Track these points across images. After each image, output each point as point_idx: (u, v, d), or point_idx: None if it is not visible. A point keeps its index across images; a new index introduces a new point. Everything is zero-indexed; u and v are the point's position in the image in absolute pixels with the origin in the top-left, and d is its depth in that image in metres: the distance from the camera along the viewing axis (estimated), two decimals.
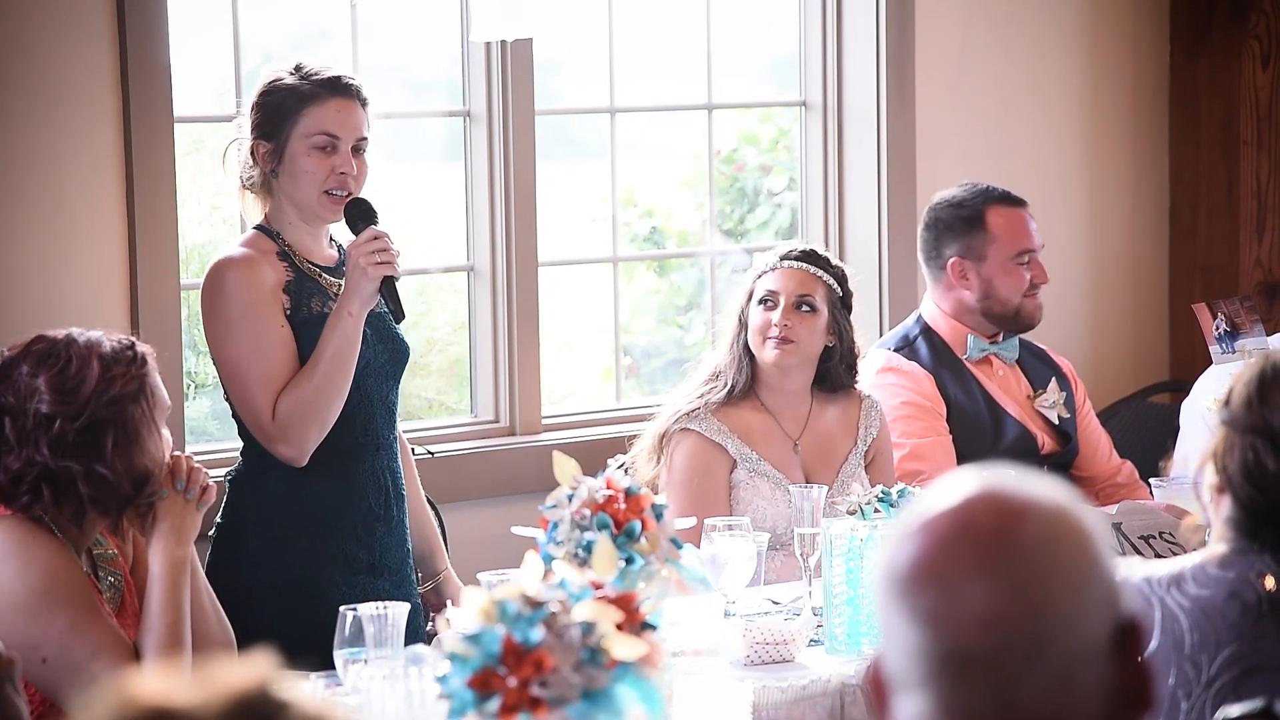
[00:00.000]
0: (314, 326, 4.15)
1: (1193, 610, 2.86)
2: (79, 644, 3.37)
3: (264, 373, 4.10)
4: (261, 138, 4.19)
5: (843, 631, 3.84)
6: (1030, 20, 6.10)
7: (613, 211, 5.63)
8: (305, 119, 4.17)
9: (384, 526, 4.26)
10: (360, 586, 4.15)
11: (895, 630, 1.89)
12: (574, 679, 2.45)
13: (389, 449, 4.29)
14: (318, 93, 4.18)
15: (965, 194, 5.17)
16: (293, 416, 4.09)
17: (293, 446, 4.10)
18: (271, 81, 4.20)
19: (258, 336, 4.11)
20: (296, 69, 4.21)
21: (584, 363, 5.92)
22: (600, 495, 3.26)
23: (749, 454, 4.61)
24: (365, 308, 4.12)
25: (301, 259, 4.21)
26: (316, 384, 4.09)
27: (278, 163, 4.18)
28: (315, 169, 4.16)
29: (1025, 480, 1.92)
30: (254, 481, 4.19)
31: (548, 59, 5.47)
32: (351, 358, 4.13)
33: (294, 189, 4.18)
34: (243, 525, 4.21)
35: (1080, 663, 1.88)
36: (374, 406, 4.23)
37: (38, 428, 3.40)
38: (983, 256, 5.14)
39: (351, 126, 4.19)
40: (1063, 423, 5.20)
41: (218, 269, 4.15)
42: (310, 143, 4.17)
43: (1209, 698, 2.83)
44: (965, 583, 1.87)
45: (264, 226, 4.22)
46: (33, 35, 4.53)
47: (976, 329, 5.15)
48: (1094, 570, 1.89)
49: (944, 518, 1.90)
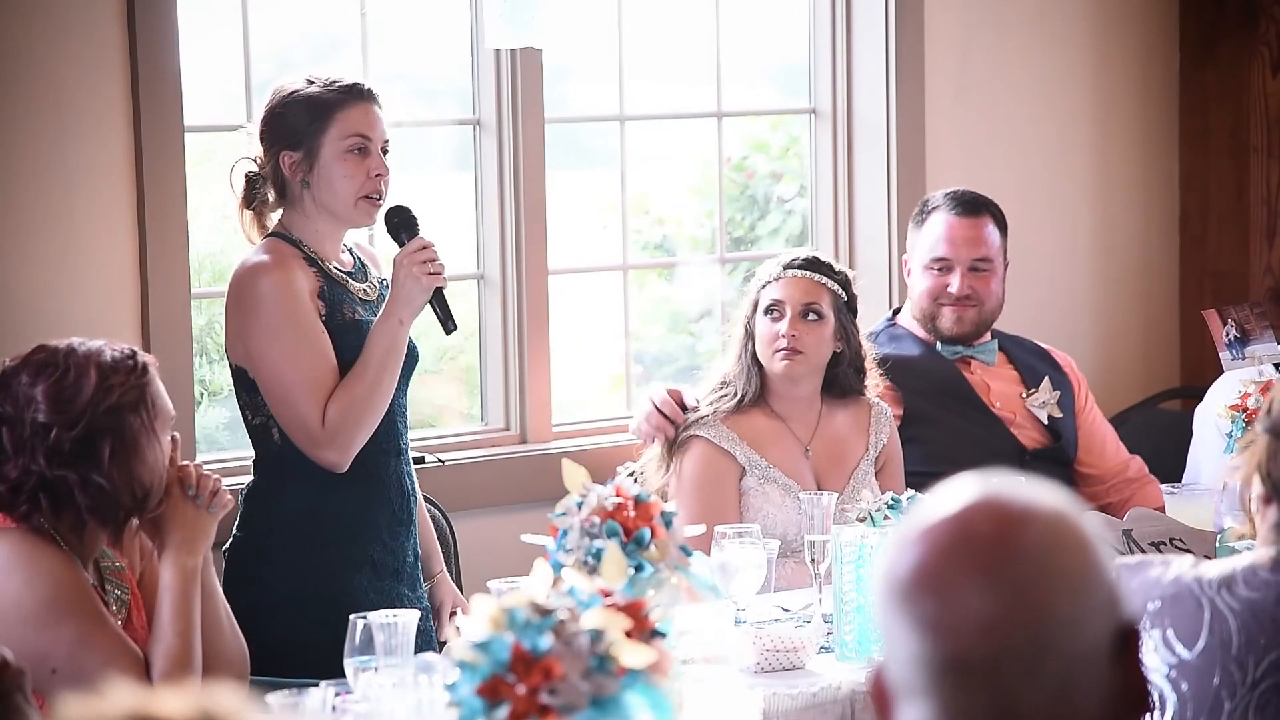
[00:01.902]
0: (348, 332, 4.16)
1: (1242, 612, 2.85)
2: (88, 654, 3.37)
3: (309, 378, 4.10)
4: (288, 148, 4.18)
5: (853, 638, 3.84)
6: (1039, 28, 6.10)
7: (623, 219, 5.63)
8: (337, 124, 4.17)
9: (405, 530, 4.28)
10: (387, 591, 4.17)
11: (896, 638, 1.89)
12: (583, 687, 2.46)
13: (406, 454, 4.31)
14: (344, 98, 4.19)
15: (938, 194, 5.23)
16: (345, 421, 4.09)
17: (341, 451, 4.11)
18: (290, 93, 4.20)
19: (301, 342, 4.11)
20: (310, 80, 4.22)
21: (594, 370, 5.92)
22: (610, 503, 3.26)
23: (758, 461, 4.61)
24: (414, 316, 4.15)
25: (328, 264, 4.22)
26: (369, 388, 4.11)
27: (309, 170, 4.18)
28: (353, 173, 4.17)
29: (1025, 487, 1.93)
30: (273, 493, 4.19)
31: (557, 67, 5.47)
32: (397, 364, 4.15)
33: (330, 195, 4.18)
34: (261, 538, 4.20)
35: (1081, 668, 1.88)
36: (395, 412, 4.24)
37: (35, 437, 3.40)
38: (913, 256, 5.21)
39: (379, 129, 4.21)
40: (1055, 421, 5.20)
41: (250, 275, 4.14)
42: (345, 145, 4.17)
43: (1253, 699, 2.83)
44: (965, 590, 1.87)
45: (281, 234, 4.22)
46: (42, 45, 4.54)
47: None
48: (1094, 576, 1.89)
49: (943, 525, 1.90)
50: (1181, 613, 2.87)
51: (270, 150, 4.20)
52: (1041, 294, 6.06)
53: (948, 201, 5.20)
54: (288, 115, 4.19)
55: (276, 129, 4.20)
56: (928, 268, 5.18)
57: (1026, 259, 5.80)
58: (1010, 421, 5.17)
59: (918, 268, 5.21)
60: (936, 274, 5.16)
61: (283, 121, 4.20)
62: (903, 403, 5.04)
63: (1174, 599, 2.88)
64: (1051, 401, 5.21)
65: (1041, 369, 5.28)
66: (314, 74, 4.24)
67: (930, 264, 5.17)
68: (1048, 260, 6.12)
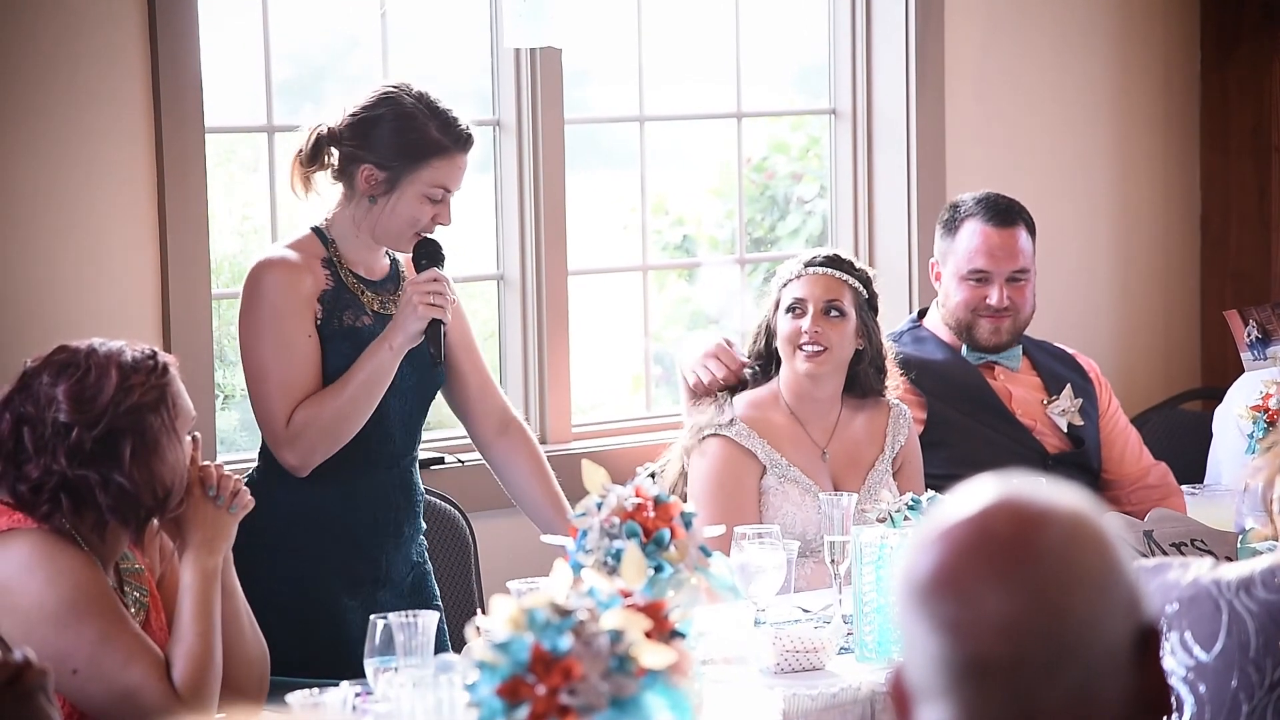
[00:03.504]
0: (342, 339, 4.17)
1: (1260, 614, 2.85)
2: (109, 655, 3.37)
3: (283, 378, 4.12)
4: (377, 165, 4.16)
5: (873, 639, 3.84)
6: (1060, 28, 6.09)
7: (642, 220, 5.63)
8: (430, 170, 4.17)
9: (392, 542, 4.27)
10: (365, 599, 4.17)
11: (916, 640, 1.89)
12: (602, 687, 2.46)
13: (405, 467, 4.29)
14: (446, 147, 4.17)
15: (968, 199, 5.18)
16: (307, 429, 4.11)
17: (298, 456, 4.13)
18: (405, 112, 4.17)
19: (283, 342, 4.13)
20: (429, 107, 4.18)
21: (614, 371, 5.92)
22: (629, 503, 3.26)
23: (778, 460, 4.61)
24: (408, 344, 4.14)
25: (348, 270, 4.22)
26: (340, 407, 4.11)
27: (383, 194, 4.17)
28: (419, 216, 4.17)
29: (1044, 488, 1.93)
30: (266, 489, 4.21)
31: (577, 68, 5.47)
32: (380, 389, 4.15)
33: (388, 223, 4.18)
34: (252, 534, 4.22)
35: (1101, 669, 1.87)
36: (393, 425, 4.24)
37: (55, 436, 3.40)
38: (946, 264, 5.17)
39: (460, 180, 4.23)
40: (1075, 428, 5.19)
41: (258, 269, 4.17)
42: (427, 193, 4.17)
43: (1271, 701, 2.82)
44: (984, 591, 1.87)
45: (320, 230, 4.23)
46: (64, 47, 4.55)
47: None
48: (1114, 576, 1.89)
49: (962, 526, 1.90)
50: (1199, 615, 2.87)
51: (354, 146, 4.18)
52: (1062, 294, 6.05)
53: (980, 209, 5.14)
54: (385, 131, 4.17)
55: (370, 136, 4.17)
56: (964, 279, 5.13)
57: (1047, 260, 5.78)
58: (1032, 428, 5.16)
59: (951, 277, 5.15)
60: (974, 285, 5.12)
61: (379, 133, 4.17)
62: (926, 407, 5.03)
63: (1192, 601, 2.88)
64: (1072, 409, 5.19)
65: (1065, 375, 5.26)
66: (433, 96, 4.21)
67: (967, 275, 5.13)
68: (1068, 261, 6.11)
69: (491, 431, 4.47)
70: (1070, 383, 5.22)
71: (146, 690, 3.39)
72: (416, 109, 4.17)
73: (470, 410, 4.46)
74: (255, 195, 5.12)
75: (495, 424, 4.47)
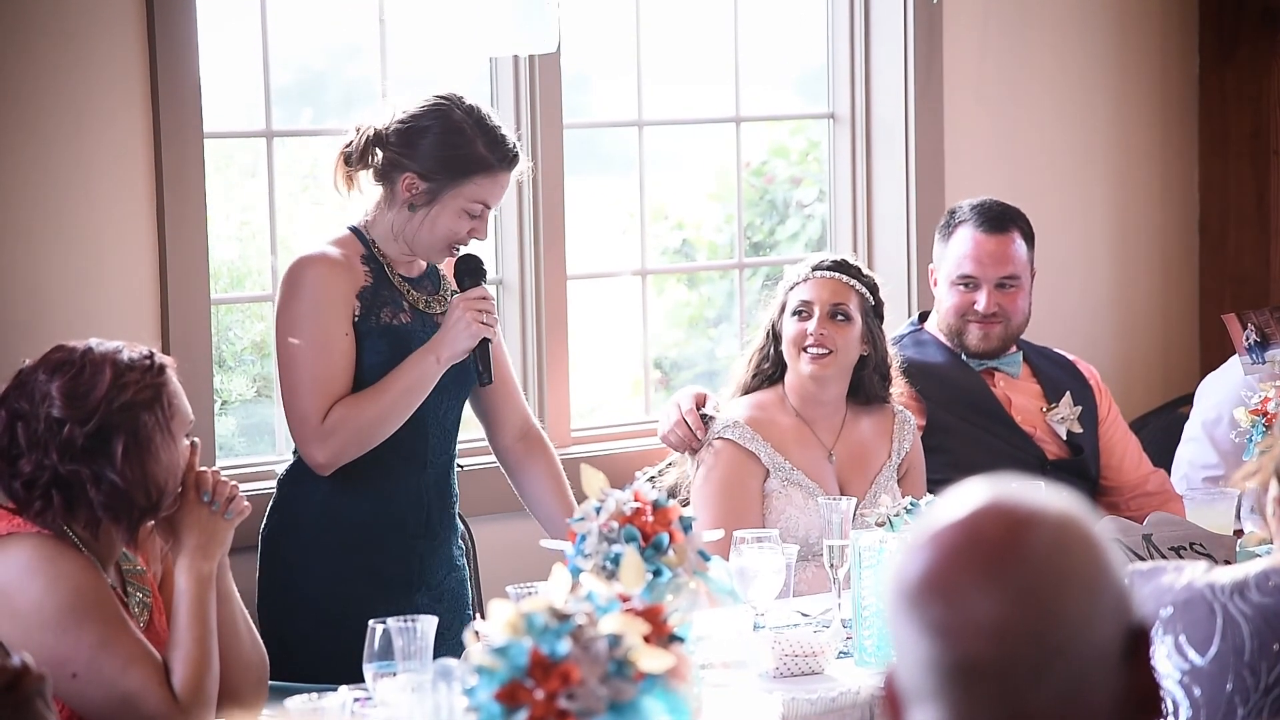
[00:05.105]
0: (378, 337, 4.18)
1: (1254, 618, 2.86)
2: (108, 659, 3.37)
3: (318, 374, 4.13)
4: (420, 175, 4.17)
5: (871, 643, 3.84)
6: (1058, 33, 6.10)
7: (641, 224, 5.63)
8: (472, 186, 4.18)
9: (425, 544, 4.28)
10: (395, 601, 4.15)
11: (906, 642, 1.90)
12: (601, 691, 2.46)
13: (440, 467, 4.30)
14: (491, 165, 4.18)
15: (966, 205, 5.20)
16: (341, 428, 4.12)
17: (327, 454, 4.13)
18: (453, 126, 4.17)
19: (320, 339, 4.14)
20: (479, 122, 4.19)
21: (613, 375, 5.93)
22: (628, 508, 3.26)
23: (782, 463, 4.62)
24: (454, 359, 4.17)
25: (390, 267, 4.24)
26: (379, 411, 4.13)
27: (424, 204, 4.18)
28: (458, 229, 4.19)
29: (1033, 491, 1.93)
30: (299, 485, 4.23)
31: (576, 73, 5.48)
32: (419, 398, 4.17)
33: (426, 233, 4.19)
34: (284, 532, 4.25)
35: (1091, 671, 1.88)
36: (428, 424, 4.25)
37: (48, 432, 3.40)
38: (940, 269, 5.19)
39: (501, 197, 4.24)
40: (1075, 436, 5.19)
41: (299, 265, 4.18)
42: (466, 208, 4.18)
43: (1266, 705, 2.83)
44: (973, 593, 1.87)
45: (359, 230, 4.24)
46: (63, 51, 4.55)
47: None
48: (1103, 578, 1.90)
49: (952, 529, 1.90)
50: (1194, 619, 2.87)
51: (398, 153, 4.18)
52: (1061, 298, 6.05)
53: (974, 215, 5.16)
54: (430, 142, 4.17)
55: (416, 145, 4.18)
56: (954, 284, 5.15)
57: (1046, 264, 5.78)
58: (1032, 434, 5.16)
59: (944, 282, 5.18)
60: (963, 290, 5.14)
61: (424, 144, 4.18)
62: (926, 412, 5.03)
63: (1186, 605, 2.88)
64: (1071, 417, 5.19)
65: (1064, 382, 5.26)
66: (484, 110, 4.21)
67: (956, 280, 5.15)
68: (1067, 264, 6.11)
69: (512, 438, 4.51)
70: (1070, 390, 5.23)
71: (145, 695, 3.39)
72: (465, 123, 4.18)
73: (494, 416, 4.49)
74: (254, 200, 5.12)
75: (517, 431, 4.50)
